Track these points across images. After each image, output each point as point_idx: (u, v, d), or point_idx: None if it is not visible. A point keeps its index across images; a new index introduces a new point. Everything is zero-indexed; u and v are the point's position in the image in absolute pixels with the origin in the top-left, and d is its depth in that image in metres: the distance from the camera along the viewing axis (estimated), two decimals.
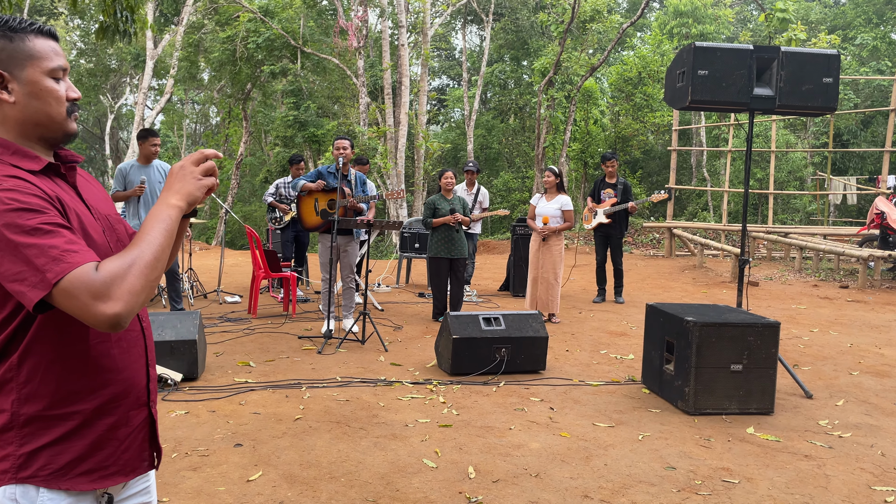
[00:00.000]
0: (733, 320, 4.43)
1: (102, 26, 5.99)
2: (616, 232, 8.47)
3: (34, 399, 1.26)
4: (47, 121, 1.34)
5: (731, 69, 4.93)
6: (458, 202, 7.22)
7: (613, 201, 8.40)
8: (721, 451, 3.80)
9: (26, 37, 1.31)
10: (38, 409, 1.27)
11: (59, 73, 1.35)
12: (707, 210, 21.94)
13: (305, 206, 6.69)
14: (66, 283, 1.15)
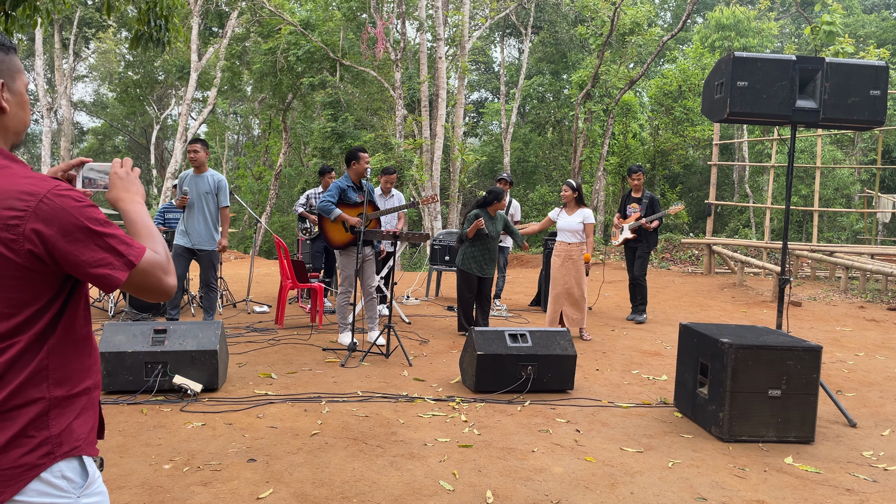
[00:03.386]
0: (772, 343, 4.21)
1: (136, 35, 6.04)
2: (641, 246, 8.23)
3: (62, 383, 1.40)
4: (24, 129, 1.49)
5: (773, 80, 4.73)
6: (501, 221, 7.04)
7: (638, 216, 8.18)
8: (756, 482, 3.59)
9: (13, 52, 1.45)
10: (65, 391, 1.41)
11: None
12: (749, 227, 21.42)
13: (334, 224, 6.50)
14: (143, 263, 1.40)
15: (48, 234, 1.31)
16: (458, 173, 18.86)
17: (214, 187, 6.48)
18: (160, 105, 32.36)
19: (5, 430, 1.33)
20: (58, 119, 27.73)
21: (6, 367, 1.33)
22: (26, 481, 1.33)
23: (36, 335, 1.36)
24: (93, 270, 1.34)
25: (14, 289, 1.33)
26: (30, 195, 1.31)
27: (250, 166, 27.14)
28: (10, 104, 1.42)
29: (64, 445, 1.38)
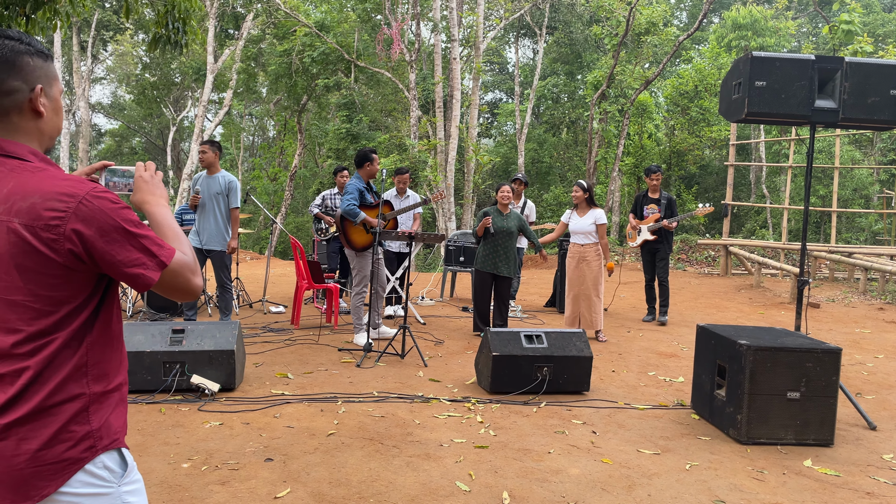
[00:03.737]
0: (790, 345, 4.17)
1: (155, 37, 6.09)
2: (662, 247, 8.16)
3: (100, 379, 1.44)
4: (57, 135, 1.53)
5: (791, 80, 4.69)
6: (514, 219, 7.00)
7: (657, 216, 8.12)
8: (775, 485, 3.56)
9: (51, 60, 1.50)
10: (102, 387, 1.45)
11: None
12: (766, 228, 21.25)
13: (356, 227, 6.49)
14: (174, 263, 1.45)
15: (87, 235, 1.35)
16: (473, 174, 18.86)
17: (225, 188, 6.53)
18: (177, 107, 32.62)
19: (49, 425, 1.37)
20: (76, 121, 28.04)
21: (45, 363, 1.37)
22: (71, 474, 1.38)
23: (74, 332, 1.40)
24: (128, 270, 1.39)
25: (53, 287, 1.37)
26: (70, 196, 1.35)
27: (265, 167, 27.30)
28: (46, 109, 1.47)
29: (104, 439, 1.44)
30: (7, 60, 1.41)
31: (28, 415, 1.36)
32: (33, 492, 1.36)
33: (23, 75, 1.43)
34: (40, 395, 1.37)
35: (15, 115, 1.44)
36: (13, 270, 1.35)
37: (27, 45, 1.44)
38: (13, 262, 1.35)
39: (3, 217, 1.35)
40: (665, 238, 8.13)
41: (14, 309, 1.37)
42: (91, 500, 1.40)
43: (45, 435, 1.37)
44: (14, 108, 1.43)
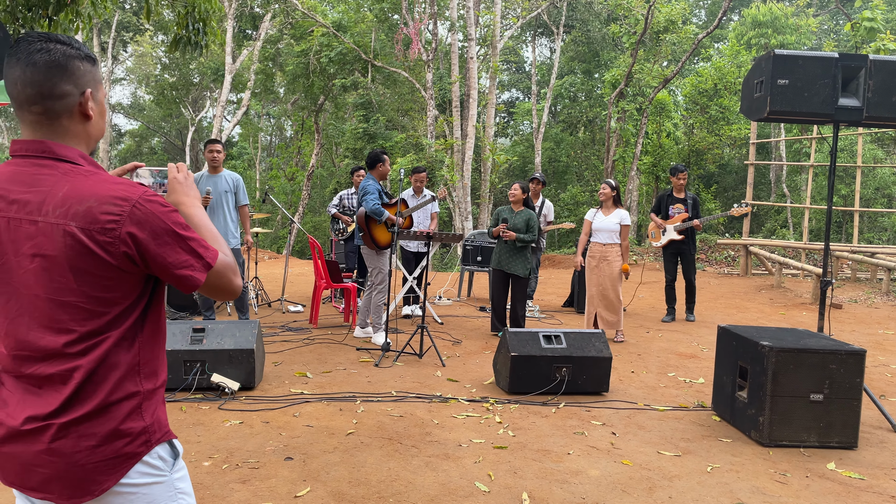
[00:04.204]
0: (814, 346, 4.12)
1: (175, 38, 6.14)
2: (689, 247, 8.13)
3: (150, 377, 1.49)
4: (100, 137, 1.56)
5: (814, 78, 4.63)
6: (522, 218, 6.96)
7: (685, 216, 8.06)
8: (798, 488, 3.52)
9: (97, 64, 1.53)
10: (152, 384, 1.50)
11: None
12: (786, 227, 21.02)
13: (380, 225, 6.56)
14: (218, 265, 1.48)
15: (141, 238, 1.38)
16: (489, 173, 18.82)
17: (233, 186, 6.58)
18: (195, 107, 32.88)
19: (107, 423, 1.41)
20: None
21: (98, 362, 1.41)
22: (129, 468, 1.44)
23: (125, 332, 1.44)
24: (177, 271, 1.43)
25: (106, 288, 1.40)
26: (124, 200, 1.38)
27: (283, 167, 27.44)
28: (94, 113, 1.49)
29: (157, 433, 1.49)
30: (59, 65, 1.43)
31: (88, 413, 1.40)
32: (93, 486, 1.40)
33: (74, 79, 1.45)
34: (100, 395, 1.41)
35: (65, 118, 1.46)
36: (68, 272, 1.38)
37: (77, 49, 1.46)
38: (69, 265, 1.37)
39: (60, 220, 1.36)
40: (691, 237, 8.10)
41: (66, 310, 1.39)
42: (147, 488, 1.46)
43: (104, 432, 1.41)
44: (65, 111, 1.45)
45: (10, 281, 1.41)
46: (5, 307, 1.42)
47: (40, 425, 1.38)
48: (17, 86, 1.43)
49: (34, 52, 1.42)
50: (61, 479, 1.39)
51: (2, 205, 1.41)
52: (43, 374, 1.40)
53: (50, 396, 1.39)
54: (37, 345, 1.40)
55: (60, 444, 1.38)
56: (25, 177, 1.41)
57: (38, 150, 1.43)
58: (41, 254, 1.38)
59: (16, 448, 1.40)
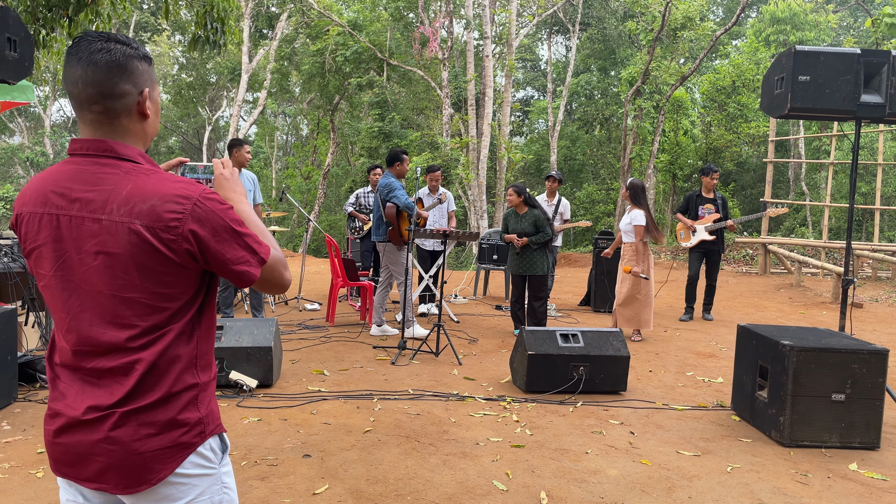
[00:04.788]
0: (835, 346, 4.07)
1: (194, 38, 6.18)
2: (718, 248, 8.10)
3: (205, 369, 1.53)
4: (154, 136, 1.58)
5: (836, 74, 4.57)
6: (529, 220, 6.89)
7: (716, 216, 8.01)
8: (820, 489, 3.48)
9: (152, 63, 1.56)
10: (207, 376, 1.54)
11: None
12: (805, 226, 20.81)
13: (405, 222, 6.64)
14: (271, 260, 1.52)
15: (202, 235, 1.41)
16: (505, 172, 18.79)
17: (253, 185, 6.64)
18: (212, 107, 33.09)
19: (167, 412, 1.45)
20: None
21: (159, 355, 1.44)
22: (184, 458, 1.47)
23: (184, 326, 1.48)
24: (235, 267, 1.46)
25: (167, 284, 1.43)
26: (185, 198, 1.40)
27: (299, 166, 27.53)
28: (150, 111, 1.52)
29: (210, 424, 1.53)
30: (120, 64, 1.45)
31: (150, 404, 1.43)
32: (150, 475, 1.43)
33: (133, 79, 1.47)
34: (164, 386, 1.44)
35: (125, 117, 1.48)
36: (132, 269, 1.40)
37: (135, 49, 1.49)
38: (133, 262, 1.40)
39: (125, 219, 1.38)
40: (720, 239, 8.08)
41: (129, 305, 1.42)
42: (198, 479, 1.49)
43: (162, 421, 1.44)
44: (124, 110, 1.47)
45: (72, 278, 1.43)
46: (66, 303, 1.44)
47: (102, 414, 1.41)
48: (77, 85, 1.44)
49: (95, 51, 1.43)
50: (119, 468, 1.41)
51: (63, 203, 1.43)
52: (104, 367, 1.43)
53: (112, 387, 1.42)
54: (99, 340, 1.43)
55: (120, 432, 1.41)
56: (87, 175, 1.43)
57: (100, 149, 1.45)
58: (105, 251, 1.40)
59: (74, 438, 1.43)
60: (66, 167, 1.46)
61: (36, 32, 6.37)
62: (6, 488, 3.21)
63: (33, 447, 3.72)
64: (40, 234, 1.45)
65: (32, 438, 3.85)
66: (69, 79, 1.45)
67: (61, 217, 1.43)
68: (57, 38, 6.61)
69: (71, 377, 1.46)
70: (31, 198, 1.47)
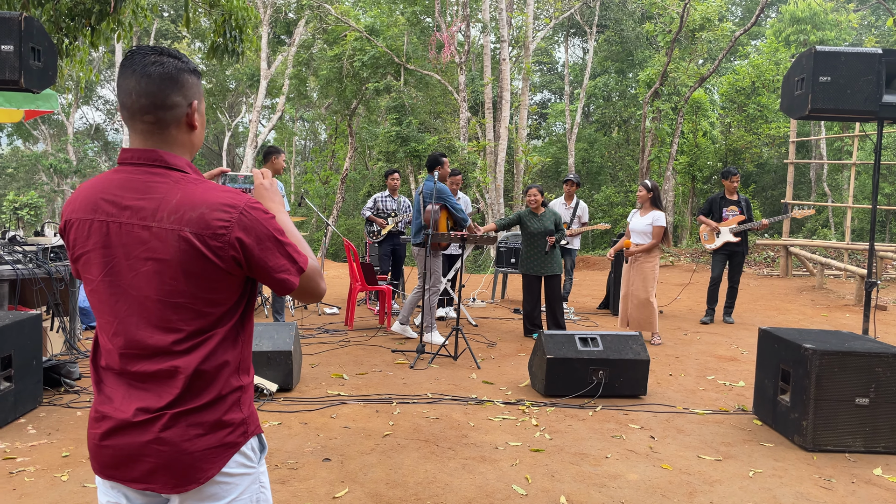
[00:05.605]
0: (859, 349, 4.02)
1: (213, 46, 6.24)
2: (742, 250, 8.04)
3: (247, 371, 1.58)
4: (199, 147, 1.63)
5: (857, 75, 4.53)
6: (550, 218, 6.95)
7: (740, 218, 7.95)
8: (844, 494, 3.44)
9: (200, 76, 1.62)
10: (248, 379, 1.59)
11: None
12: (827, 227, 20.56)
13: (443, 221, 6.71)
14: (309, 269, 1.56)
15: (248, 242, 1.46)
16: (522, 175, 18.77)
17: (283, 192, 6.68)
18: (231, 112, 33.38)
19: (214, 413, 1.50)
20: None
21: (204, 359, 1.48)
22: (230, 457, 1.51)
23: (229, 330, 1.52)
24: (276, 275, 1.50)
25: (215, 290, 1.48)
26: (232, 207, 1.45)
27: (317, 171, 27.69)
28: (198, 123, 1.58)
29: (251, 425, 1.58)
30: (171, 77, 1.51)
31: (199, 406, 1.48)
32: (199, 474, 1.47)
33: (183, 91, 1.53)
34: (211, 389, 1.49)
35: (174, 128, 1.53)
36: (180, 275, 1.44)
37: (185, 63, 1.55)
38: (181, 268, 1.44)
39: (175, 226, 1.43)
40: (744, 241, 8.03)
41: (176, 310, 1.46)
42: (240, 479, 1.53)
43: (210, 422, 1.49)
44: (174, 121, 1.53)
45: (120, 283, 1.48)
46: (114, 307, 1.49)
47: (152, 416, 1.45)
48: (131, 96, 1.50)
49: (149, 64, 1.49)
50: (168, 468, 1.46)
51: (113, 210, 1.47)
52: (149, 370, 1.47)
53: (159, 390, 1.47)
54: (146, 343, 1.47)
55: (170, 433, 1.45)
56: (138, 184, 1.48)
57: (151, 158, 1.50)
58: (154, 257, 1.44)
59: (122, 440, 1.47)
60: (116, 175, 1.51)
61: (59, 42, 6.47)
62: (31, 491, 3.26)
63: (58, 451, 3.77)
64: (89, 240, 1.50)
65: (57, 442, 3.90)
66: (123, 89, 1.50)
67: (111, 224, 1.47)
68: (79, 48, 6.71)
69: (116, 380, 1.51)
70: (80, 205, 1.52)
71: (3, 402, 4.13)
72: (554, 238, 6.85)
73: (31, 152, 33.96)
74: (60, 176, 31.65)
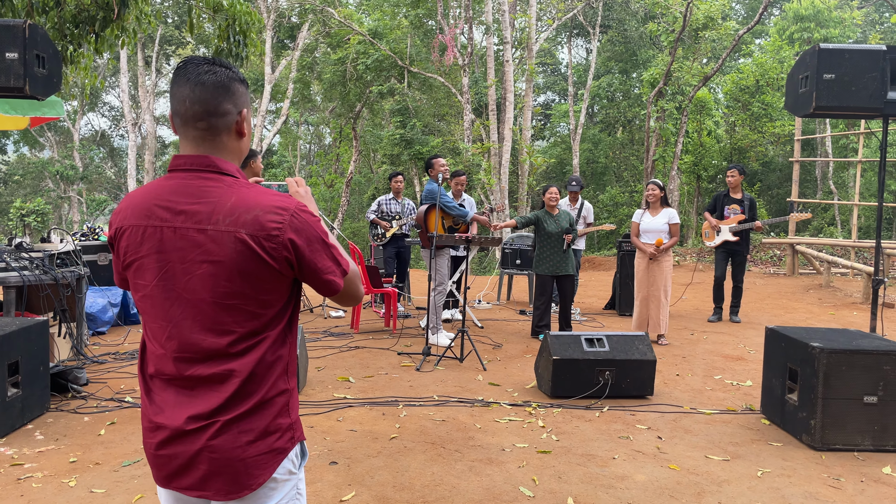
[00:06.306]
0: (866, 347, 4.00)
1: (217, 51, 6.26)
2: (742, 249, 8.02)
3: (293, 375, 1.59)
4: (246, 154, 1.67)
5: (862, 72, 4.51)
6: (565, 217, 7.00)
7: (741, 217, 7.93)
8: (853, 493, 3.42)
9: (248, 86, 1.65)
10: (294, 382, 1.60)
11: None
12: (834, 225, 20.48)
13: (431, 219, 6.79)
14: (351, 272, 1.61)
15: (300, 244, 1.49)
16: (527, 176, 18.76)
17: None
18: None
19: (263, 419, 1.52)
20: (142, 133, 29.08)
21: (258, 361, 1.50)
22: (279, 462, 1.53)
23: (280, 332, 1.55)
24: (324, 276, 1.54)
25: (267, 291, 1.51)
26: (283, 210, 1.48)
27: (322, 174, 27.75)
28: (246, 130, 1.61)
29: (297, 430, 1.60)
30: (223, 86, 1.55)
31: (250, 409, 1.49)
32: (251, 480, 1.49)
33: (234, 99, 1.57)
34: (260, 392, 1.50)
35: (225, 135, 1.57)
36: (236, 277, 1.47)
37: (235, 73, 1.59)
38: (237, 269, 1.46)
39: (231, 228, 1.46)
40: (745, 239, 8.00)
41: (230, 312, 1.48)
42: (284, 485, 1.55)
43: (260, 428, 1.50)
44: (225, 128, 1.57)
45: (174, 287, 1.50)
46: (168, 312, 1.51)
47: (204, 423, 1.47)
48: (185, 103, 1.54)
49: (202, 73, 1.54)
50: (221, 475, 1.47)
51: (167, 216, 1.50)
52: (202, 374, 1.49)
53: (209, 396, 1.48)
54: (200, 346, 1.49)
55: (221, 440, 1.47)
56: (193, 189, 1.51)
57: (204, 164, 1.54)
58: (210, 260, 1.46)
59: (177, 448, 1.49)
60: (168, 182, 1.54)
61: (63, 49, 6.50)
62: (39, 497, 3.27)
63: (66, 457, 3.78)
64: (143, 247, 1.52)
65: (65, 448, 3.92)
66: (177, 97, 1.55)
67: (165, 228, 1.49)
68: (84, 54, 6.74)
69: (164, 387, 1.53)
70: (133, 212, 1.54)
71: (11, 408, 4.14)
72: (571, 236, 6.85)
73: (37, 159, 34.12)
74: (67, 182, 31.79)
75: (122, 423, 4.32)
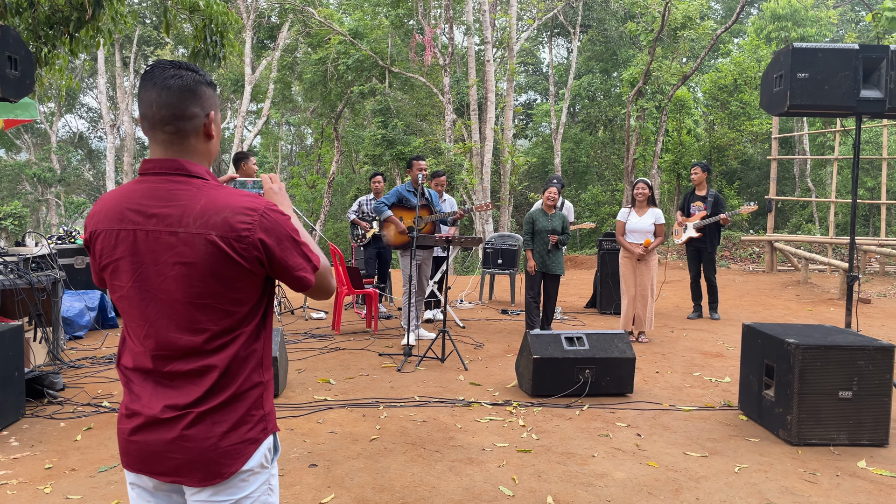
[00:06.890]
0: (841, 343, 4.06)
1: (194, 51, 6.21)
2: (707, 246, 8.08)
3: (267, 369, 1.62)
4: (216, 155, 1.69)
5: (835, 71, 4.57)
6: (558, 218, 7.00)
7: (703, 214, 8.01)
8: (828, 487, 3.46)
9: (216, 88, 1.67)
10: (268, 375, 1.63)
11: None
12: (812, 222, 20.72)
13: (389, 224, 6.78)
14: (322, 267, 1.63)
15: (269, 243, 1.52)
16: (509, 176, 18.79)
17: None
18: None
19: (237, 410, 1.56)
20: (120, 135, 28.77)
21: (233, 356, 1.55)
22: (252, 453, 1.57)
23: (254, 328, 1.59)
24: (295, 273, 1.57)
25: (240, 290, 1.54)
26: (252, 210, 1.52)
27: (304, 175, 27.63)
28: (215, 133, 1.64)
29: (270, 422, 1.64)
30: (190, 89, 1.57)
31: (224, 401, 1.54)
32: (224, 469, 1.53)
33: (201, 102, 1.60)
34: (235, 385, 1.55)
35: (193, 138, 1.60)
36: (208, 277, 1.50)
37: (202, 76, 1.62)
38: (209, 270, 1.50)
39: (201, 230, 1.49)
40: (709, 236, 8.05)
41: (204, 311, 1.52)
42: (256, 476, 1.59)
43: (234, 419, 1.55)
44: (193, 131, 1.59)
45: (149, 288, 1.53)
46: (144, 312, 1.54)
47: (179, 413, 1.52)
48: (152, 107, 1.56)
49: (168, 77, 1.56)
50: (195, 463, 1.52)
51: (139, 219, 1.53)
52: (180, 370, 1.53)
53: (187, 388, 1.53)
54: (177, 344, 1.53)
55: (196, 430, 1.52)
56: (162, 192, 1.54)
57: (172, 167, 1.56)
58: (182, 262, 1.50)
59: (150, 436, 1.53)
60: (139, 186, 1.56)
61: (38, 50, 6.42)
62: None
63: (41, 463, 3.73)
64: (117, 249, 1.55)
65: (40, 454, 3.86)
66: (144, 101, 1.57)
67: (138, 232, 1.53)
68: (59, 56, 6.66)
69: (142, 379, 1.57)
70: (105, 216, 1.57)
71: None
72: (557, 237, 6.86)
73: (14, 161, 33.66)
74: (44, 185, 31.39)
75: (99, 429, 4.27)
